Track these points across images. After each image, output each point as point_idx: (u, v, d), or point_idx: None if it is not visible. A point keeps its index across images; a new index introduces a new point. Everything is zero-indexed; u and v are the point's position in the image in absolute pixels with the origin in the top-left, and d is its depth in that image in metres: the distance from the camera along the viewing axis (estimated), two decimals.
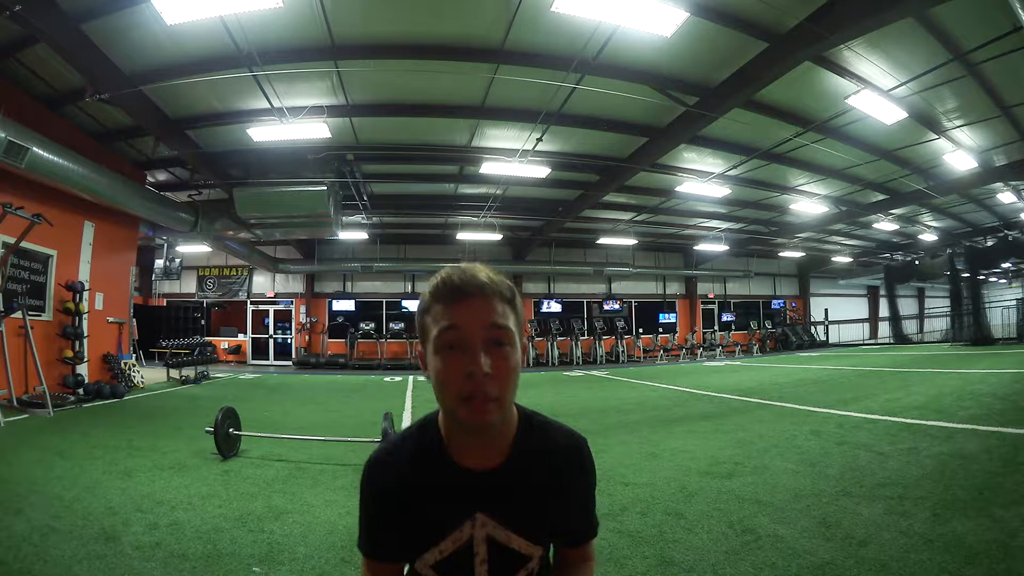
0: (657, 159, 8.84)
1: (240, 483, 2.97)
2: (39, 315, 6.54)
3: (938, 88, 6.82)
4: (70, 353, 6.80)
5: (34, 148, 5.53)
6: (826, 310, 20.51)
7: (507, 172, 8.69)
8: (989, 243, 15.37)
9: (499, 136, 8.22)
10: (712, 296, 19.46)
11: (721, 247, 15.66)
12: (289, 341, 15.97)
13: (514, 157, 8.34)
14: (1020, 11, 4.56)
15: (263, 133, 7.18)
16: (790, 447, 3.48)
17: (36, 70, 6.01)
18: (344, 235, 11.05)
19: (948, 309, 16.19)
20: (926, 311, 22.39)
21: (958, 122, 8.06)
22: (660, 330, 18.05)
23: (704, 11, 5.15)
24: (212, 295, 15.89)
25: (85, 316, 7.25)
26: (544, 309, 16.66)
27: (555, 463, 0.89)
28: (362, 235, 13.30)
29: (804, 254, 18.77)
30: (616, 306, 17.12)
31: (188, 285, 15.78)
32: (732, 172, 10.05)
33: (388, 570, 0.92)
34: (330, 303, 15.92)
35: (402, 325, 15.36)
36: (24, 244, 5.95)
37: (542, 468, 0.88)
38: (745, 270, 18.49)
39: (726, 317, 19.46)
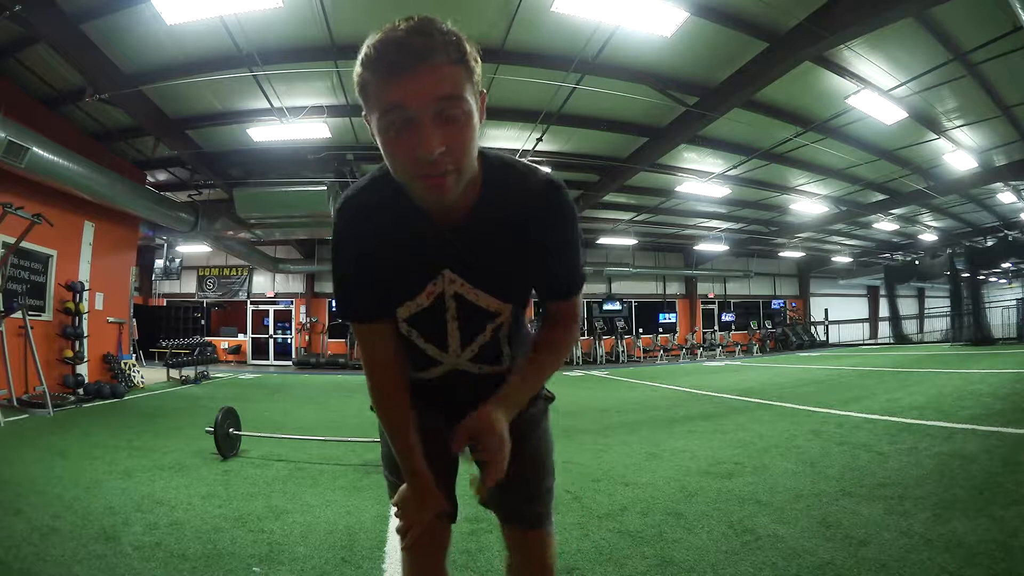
0: (657, 159, 8.84)
1: (240, 483, 2.97)
2: (39, 315, 6.54)
3: (938, 88, 6.82)
4: (70, 353, 6.80)
5: (34, 148, 5.53)
6: (826, 310, 20.52)
7: None
8: (989, 243, 15.36)
9: (499, 136, 8.22)
10: (712, 296, 19.46)
11: (721, 247, 15.67)
12: (289, 341, 15.97)
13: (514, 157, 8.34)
14: (1020, 11, 4.56)
15: (263, 133, 7.19)
16: (790, 447, 3.48)
17: (36, 70, 6.00)
18: None
19: (948, 309, 16.17)
20: (926, 311, 22.37)
21: (958, 122, 8.05)
22: (660, 330, 18.05)
23: (704, 11, 5.14)
24: (212, 295, 15.90)
25: (85, 316, 7.25)
26: None
27: (520, 216, 0.82)
28: None
29: (804, 254, 18.78)
30: (616, 306, 17.11)
31: (188, 285, 15.78)
32: (732, 172, 10.05)
33: (379, 328, 0.92)
34: (330, 303, 15.89)
35: None
36: (24, 244, 5.95)
37: (506, 223, 0.82)
38: (745, 270, 18.49)
39: (726, 317, 19.47)
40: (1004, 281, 19.70)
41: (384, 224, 0.82)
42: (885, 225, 14.25)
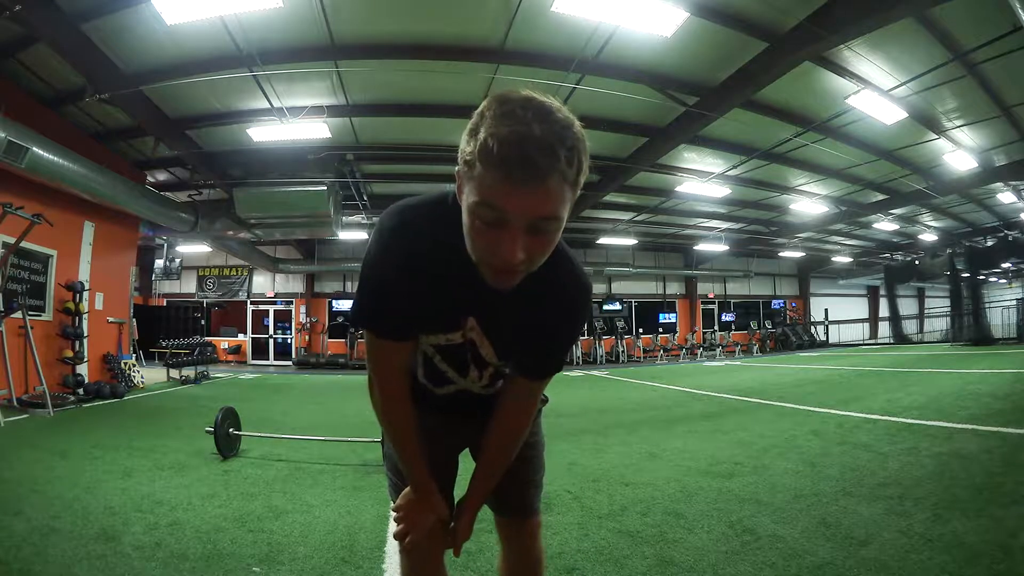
0: (657, 159, 8.83)
1: (240, 483, 2.97)
2: (39, 315, 6.54)
3: (938, 88, 6.81)
4: (70, 353, 6.79)
5: (34, 148, 5.53)
6: (826, 310, 20.51)
7: None
8: (989, 243, 15.35)
9: None
10: (712, 296, 19.46)
11: (721, 247, 15.66)
12: (289, 341, 15.96)
13: None
14: (1020, 11, 4.56)
15: (263, 133, 7.18)
16: (790, 447, 3.48)
17: (36, 70, 6.00)
18: (344, 235, 11.05)
19: (948, 309, 16.17)
20: (926, 311, 22.37)
21: (958, 122, 8.05)
22: (660, 330, 18.05)
23: (704, 11, 5.14)
24: (212, 295, 15.89)
25: (85, 316, 7.25)
26: None
27: (550, 300, 0.90)
28: (362, 235, 13.30)
29: (804, 254, 18.77)
30: (616, 306, 17.11)
31: (188, 285, 15.77)
32: (732, 172, 10.05)
33: (401, 345, 0.95)
34: (330, 303, 15.92)
35: None
36: (24, 244, 5.95)
37: (538, 301, 0.89)
38: (745, 270, 18.49)
39: (726, 317, 19.46)
40: (1004, 281, 19.69)
41: (436, 260, 0.84)
42: (885, 225, 14.24)
